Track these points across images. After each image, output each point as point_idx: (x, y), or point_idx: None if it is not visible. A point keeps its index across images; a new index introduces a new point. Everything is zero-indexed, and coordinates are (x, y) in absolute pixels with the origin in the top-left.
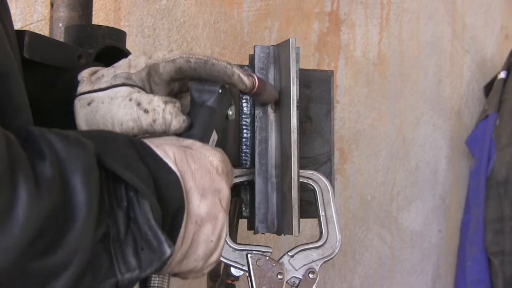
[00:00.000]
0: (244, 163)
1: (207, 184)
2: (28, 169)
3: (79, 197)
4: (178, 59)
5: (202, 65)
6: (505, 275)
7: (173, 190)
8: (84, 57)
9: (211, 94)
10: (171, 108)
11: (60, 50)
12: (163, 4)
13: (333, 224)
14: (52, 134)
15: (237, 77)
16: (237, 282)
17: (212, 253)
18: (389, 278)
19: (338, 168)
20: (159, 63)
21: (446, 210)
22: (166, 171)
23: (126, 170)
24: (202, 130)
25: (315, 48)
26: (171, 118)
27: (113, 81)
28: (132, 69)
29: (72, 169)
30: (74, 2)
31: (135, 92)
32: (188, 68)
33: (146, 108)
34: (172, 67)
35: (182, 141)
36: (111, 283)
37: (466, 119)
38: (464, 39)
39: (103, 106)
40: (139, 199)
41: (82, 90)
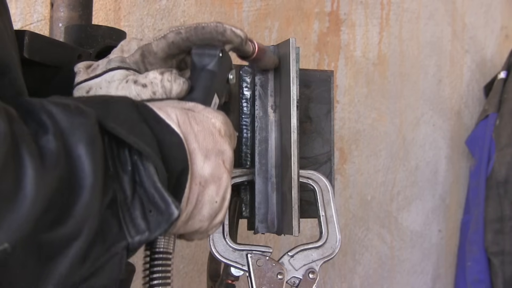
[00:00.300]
0: (244, 163)
1: (210, 145)
2: (32, 144)
3: (85, 166)
4: (168, 33)
5: (193, 32)
6: (505, 275)
7: (176, 151)
8: (84, 57)
9: (211, 58)
10: (168, 76)
11: (60, 50)
12: (163, 4)
13: (333, 224)
14: (52, 105)
15: (229, 32)
16: (237, 282)
17: (216, 214)
18: (389, 278)
19: (338, 168)
20: (151, 42)
21: (446, 210)
22: (169, 133)
23: (130, 133)
24: (203, 93)
25: (315, 48)
26: (170, 84)
27: (108, 65)
28: (125, 53)
29: (75, 140)
30: (74, 2)
31: (130, 74)
32: (180, 40)
33: (143, 83)
34: (165, 43)
35: (184, 103)
36: (122, 246)
37: (466, 119)
38: (464, 39)
39: (101, 91)
40: (143, 162)
41: (79, 80)
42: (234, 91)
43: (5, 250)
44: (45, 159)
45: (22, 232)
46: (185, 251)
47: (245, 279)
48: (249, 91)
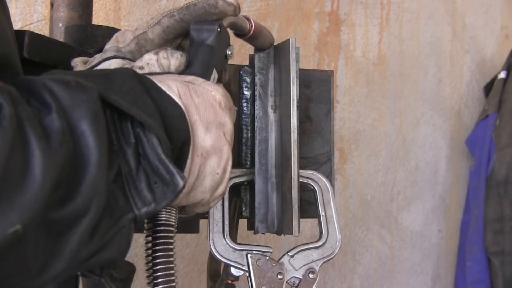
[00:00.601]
0: (244, 163)
1: (211, 117)
2: (37, 125)
3: (89, 143)
4: (162, 18)
5: (186, 11)
6: (505, 275)
7: (178, 122)
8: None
9: (210, 32)
10: (163, 53)
11: (60, 50)
12: (163, 4)
13: (333, 224)
14: (53, 82)
15: (221, 2)
16: (237, 282)
17: (218, 186)
18: (389, 278)
19: (338, 168)
20: (146, 30)
21: (446, 210)
22: (171, 104)
23: (132, 106)
24: (202, 67)
25: (315, 48)
26: (167, 61)
27: (104, 55)
28: (120, 44)
29: (78, 116)
30: (74, 2)
31: (126, 63)
32: (175, 23)
33: (140, 65)
34: (160, 29)
35: (184, 77)
36: (129, 219)
37: (466, 119)
38: (464, 39)
39: None
40: (146, 134)
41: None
42: (234, 91)
43: (17, 231)
44: (50, 139)
45: (33, 213)
46: (185, 251)
47: (245, 279)
48: (249, 91)
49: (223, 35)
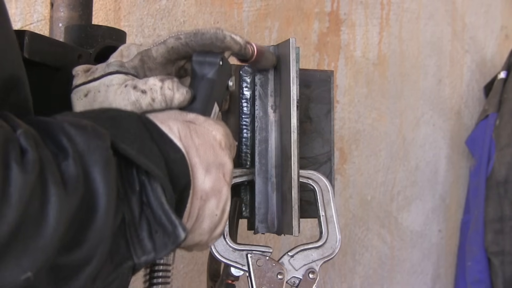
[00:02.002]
0: (244, 163)
1: (211, 159)
2: (55, 171)
3: (99, 189)
4: (168, 39)
5: (193, 38)
6: (505, 275)
7: (179, 167)
8: (84, 57)
9: (212, 66)
10: (169, 83)
11: (60, 50)
12: (163, 4)
13: (333, 224)
14: (71, 127)
15: (229, 38)
16: (237, 282)
17: (216, 227)
18: (389, 278)
19: (338, 168)
20: (150, 48)
21: (446, 210)
22: (172, 149)
23: (140, 154)
24: (204, 103)
25: (315, 48)
26: (172, 93)
27: (107, 69)
28: (124, 58)
29: (92, 163)
30: (74, 2)
31: (129, 79)
32: (180, 46)
33: (143, 89)
34: (164, 49)
35: (185, 115)
36: (128, 267)
37: (466, 119)
38: (464, 39)
39: (99, 95)
40: (151, 182)
41: (77, 83)
42: (234, 91)
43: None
44: (67, 185)
45: (45, 259)
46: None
47: (245, 279)
48: (249, 91)
49: (225, 68)
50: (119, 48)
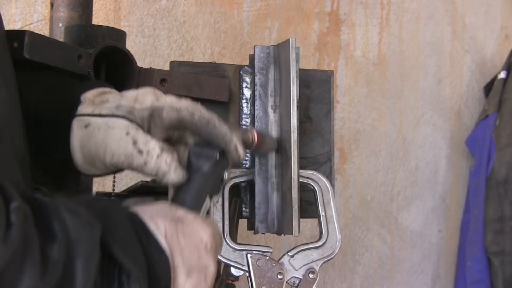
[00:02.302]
0: (244, 163)
1: (194, 261)
2: (37, 251)
3: (78, 279)
4: (183, 110)
5: (204, 124)
6: (505, 275)
7: (161, 269)
8: (84, 57)
9: (208, 159)
10: (168, 157)
11: (60, 50)
12: (163, 4)
13: (333, 224)
14: (66, 213)
15: (233, 147)
16: (237, 282)
17: None
18: (389, 278)
19: (338, 168)
20: (164, 107)
21: (446, 210)
22: (157, 250)
23: (125, 255)
24: (196, 197)
25: (315, 48)
26: (167, 169)
27: (115, 110)
28: (137, 104)
29: (78, 253)
30: (74, 2)
31: (133, 128)
32: (190, 123)
33: (140, 149)
34: (175, 116)
35: (175, 211)
36: None
37: (466, 119)
38: (464, 39)
39: (99, 133)
40: (130, 284)
41: (82, 111)
42: (234, 91)
43: None
44: (45, 270)
45: None
46: None
47: (245, 279)
48: (249, 91)
49: (221, 162)
50: (136, 91)
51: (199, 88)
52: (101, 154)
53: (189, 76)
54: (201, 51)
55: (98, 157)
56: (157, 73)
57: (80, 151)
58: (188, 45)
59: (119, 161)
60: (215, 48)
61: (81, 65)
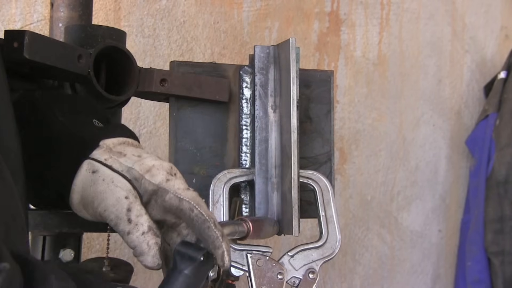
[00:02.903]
0: (244, 163)
1: None
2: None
3: None
4: (185, 202)
5: (199, 222)
6: (505, 275)
7: None
8: (84, 57)
9: (191, 261)
10: (151, 240)
11: (60, 50)
12: (163, 4)
13: (333, 224)
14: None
15: (220, 254)
16: (237, 282)
17: None
18: (389, 278)
19: (338, 168)
20: (169, 191)
21: (446, 210)
22: None
23: None
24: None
25: (315, 48)
26: (146, 250)
27: (125, 171)
28: (147, 175)
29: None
30: (74, 2)
31: (132, 195)
32: (187, 216)
33: (131, 218)
34: (176, 204)
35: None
36: None
37: (466, 119)
38: (464, 39)
39: (102, 183)
40: None
41: (96, 156)
42: (234, 91)
43: None
44: None
45: None
46: None
47: (245, 279)
48: (249, 91)
49: (206, 263)
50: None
51: (199, 88)
52: (96, 203)
53: (189, 76)
54: (201, 51)
55: (93, 204)
56: (157, 73)
57: (80, 192)
58: (188, 45)
59: (108, 217)
60: (215, 48)
61: (81, 65)
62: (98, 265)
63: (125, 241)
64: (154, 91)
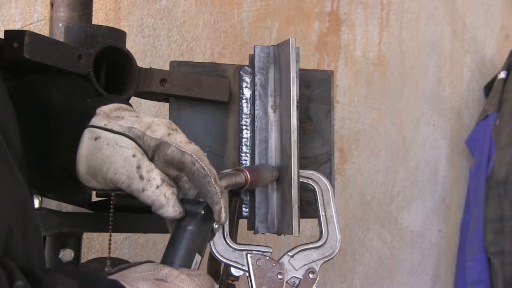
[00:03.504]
0: (244, 163)
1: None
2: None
3: None
4: (187, 155)
5: (200, 176)
6: (505, 275)
7: None
8: (84, 57)
9: (193, 217)
10: (167, 191)
11: (60, 50)
12: (163, 4)
13: (333, 224)
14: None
15: (218, 209)
16: (237, 282)
17: None
18: (389, 278)
19: (338, 168)
20: (171, 145)
21: (446, 210)
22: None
23: None
24: (183, 255)
25: (315, 48)
26: (165, 202)
27: (127, 130)
28: (148, 131)
29: None
30: (74, 2)
31: (139, 152)
32: (188, 168)
33: (142, 175)
34: (178, 157)
35: (158, 271)
36: None
37: (466, 119)
38: (464, 39)
39: (107, 147)
40: None
41: (95, 123)
42: (234, 91)
43: None
44: None
45: None
46: None
47: (245, 279)
48: (249, 91)
49: (207, 216)
50: (152, 119)
51: (199, 88)
52: (104, 169)
53: (189, 76)
54: (201, 51)
55: (101, 171)
56: (157, 73)
57: (85, 161)
58: (188, 45)
59: (119, 180)
60: (215, 48)
61: (81, 65)
62: (100, 265)
63: (141, 199)
64: (154, 91)
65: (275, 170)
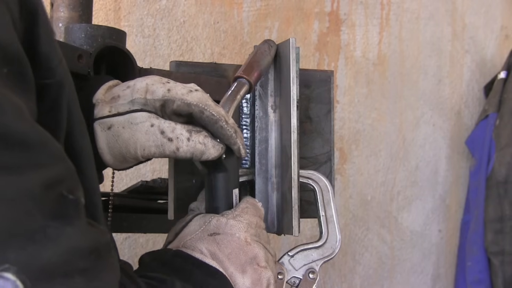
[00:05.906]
0: (244, 163)
1: (243, 259)
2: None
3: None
4: (194, 106)
5: (212, 122)
6: (505, 275)
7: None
8: (84, 57)
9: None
10: (199, 137)
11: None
12: (163, 4)
13: (333, 224)
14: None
15: (236, 148)
16: None
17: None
18: (389, 278)
19: (338, 168)
20: (175, 100)
21: (446, 210)
22: (211, 274)
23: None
24: (223, 198)
25: (315, 48)
26: (203, 148)
27: (131, 105)
28: (148, 95)
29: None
30: (74, 2)
31: (155, 118)
32: (198, 118)
33: (170, 137)
34: (186, 110)
35: (208, 224)
36: None
37: (466, 119)
38: (464, 39)
39: (124, 131)
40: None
41: (100, 114)
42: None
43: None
44: None
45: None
46: None
47: None
48: None
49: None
50: (145, 82)
51: None
52: (131, 150)
53: (189, 76)
54: (201, 51)
55: (129, 153)
56: (157, 73)
57: (109, 152)
58: (188, 45)
59: (150, 152)
60: (215, 48)
61: (81, 65)
62: None
63: (181, 158)
64: None
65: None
